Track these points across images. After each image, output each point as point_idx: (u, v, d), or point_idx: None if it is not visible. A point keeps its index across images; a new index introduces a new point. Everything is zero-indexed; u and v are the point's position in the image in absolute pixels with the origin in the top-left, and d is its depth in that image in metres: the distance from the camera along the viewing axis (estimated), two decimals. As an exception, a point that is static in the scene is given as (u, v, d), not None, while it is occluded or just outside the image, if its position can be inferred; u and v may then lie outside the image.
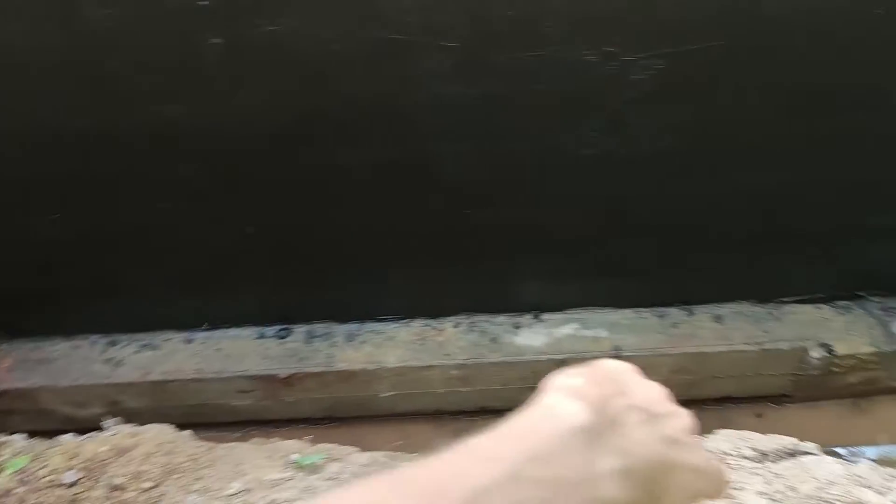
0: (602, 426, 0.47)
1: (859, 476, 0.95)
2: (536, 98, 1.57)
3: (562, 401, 0.48)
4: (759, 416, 2.22)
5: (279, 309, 2.01)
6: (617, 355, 2.06)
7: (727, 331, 2.08)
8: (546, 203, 1.79)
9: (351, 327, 2.15)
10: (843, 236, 1.93)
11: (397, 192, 1.70)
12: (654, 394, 0.54)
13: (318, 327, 2.14)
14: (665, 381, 1.86)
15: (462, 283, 2.03)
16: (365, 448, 1.52)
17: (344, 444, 1.51)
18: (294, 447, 1.40)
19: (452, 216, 1.76)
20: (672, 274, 2.06)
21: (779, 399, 2.23)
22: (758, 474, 0.95)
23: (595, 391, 0.49)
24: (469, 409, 2.27)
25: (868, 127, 1.67)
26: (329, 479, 1.27)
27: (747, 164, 1.74)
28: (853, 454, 1.50)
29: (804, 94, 1.60)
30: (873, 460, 1.43)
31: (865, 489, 0.94)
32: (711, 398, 2.19)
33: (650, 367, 2.08)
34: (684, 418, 0.54)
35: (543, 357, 2.09)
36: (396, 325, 2.17)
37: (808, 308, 2.08)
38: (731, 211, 1.86)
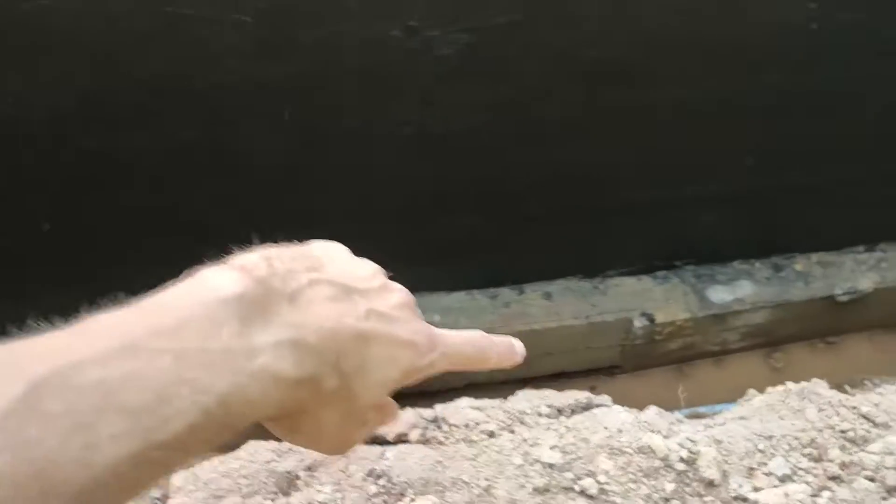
0: (268, 298, 0.42)
1: (647, 422, 0.97)
2: (344, 76, 1.53)
3: (214, 272, 0.42)
4: (592, 388, 2.29)
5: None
6: (451, 338, 2.06)
7: (556, 307, 2.13)
8: (367, 185, 1.76)
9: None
10: (658, 208, 2.02)
11: (203, 180, 1.61)
12: (360, 271, 0.51)
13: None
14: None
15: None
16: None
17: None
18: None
19: (267, 203, 1.69)
20: (502, 254, 2.09)
21: (610, 370, 2.31)
22: (552, 429, 0.95)
23: (268, 265, 0.44)
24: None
25: (676, 99, 1.75)
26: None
27: (562, 139, 1.78)
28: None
29: (608, 69, 1.65)
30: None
31: (653, 434, 0.97)
32: (547, 375, 2.23)
33: (485, 347, 2.11)
34: (396, 294, 0.51)
35: (379, 345, 2.05)
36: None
37: (630, 280, 2.16)
38: (552, 187, 1.90)
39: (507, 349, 0.61)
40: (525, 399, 1.02)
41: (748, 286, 2.17)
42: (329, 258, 0.50)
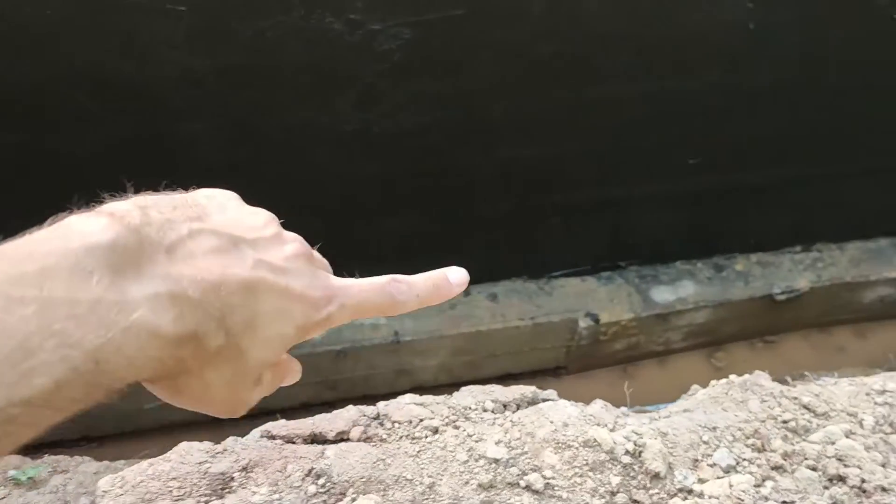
0: (141, 248, 0.38)
1: (593, 416, 0.96)
2: (284, 70, 1.49)
3: (81, 219, 0.38)
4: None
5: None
6: (396, 340, 2.03)
7: (502, 308, 2.11)
8: (309, 183, 1.72)
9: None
10: (602, 208, 2.02)
11: (135, 177, 1.55)
12: (250, 220, 0.46)
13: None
14: (447, 364, 1.83)
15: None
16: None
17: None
18: (14, 461, 1.22)
19: (205, 201, 1.63)
20: (446, 254, 2.05)
21: (556, 371, 2.31)
22: (498, 424, 0.93)
23: (143, 213, 0.40)
24: (249, 411, 2.15)
25: (620, 98, 1.75)
26: (52, 492, 1.11)
27: (508, 138, 1.77)
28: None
29: (553, 66, 1.64)
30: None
31: (599, 427, 0.96)
32: (493, 377, 2.22)
33: (431, 350, 2.08)
34: (291, 244, 0.47)
35: (322, 349, 2.01)
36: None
37: (575, 280, 2.16)
38: (497, 187, 1.89)
39: (435, 287, 0.55)
40: (470, 394, 1.00)
41: (690, 286, 2.19)
42: (217, 206, 0.46)
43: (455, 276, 0.56)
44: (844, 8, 1.63)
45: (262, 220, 0.47)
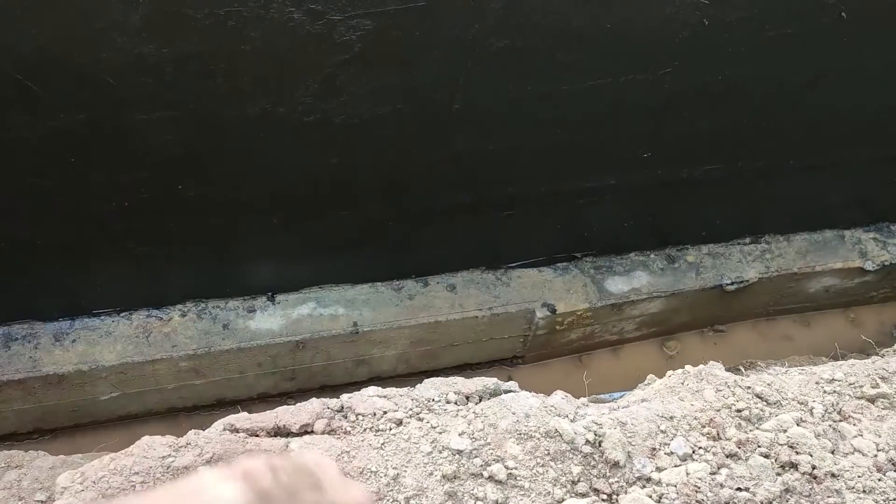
0: None
1: (554, 407, 0.98)
2: (243, 59, 1.47)
3: (219, 482, 0.41)
4: (508, 378, 2.30)
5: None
6: (355, 331, 2.02)
7: (460, 299, 2.13)
8: (268, 174, 1.70)
9: (60, 325, 1.91)
10: (558, 200, 2.05)
11: (91, 167, 1.52)
12: (351, 497, 0.50)
13: (18, 328, 1.88)
14: (406, 354, 1.83)
15: (186, 267, 1.88)
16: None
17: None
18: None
19: (161, 191, 1.61)
20: (406, 245, 2.06)
21: (512, 361, 2.34)
22: (461, 416, 0.94)
23: (274, 475, 0.43)
24: (205, 403, 2.13)
25: (575, 91, 1.76)
26: (5, 488, 1.09)
27: (465, 131, 1.77)
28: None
29: (510, 58, 1.65)
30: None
31: (560, 418, 0.97)
32: (451, 367, 2.24)
33: (389, 340, 2.09)
34: None
35: (280, 339, 2.00)
36: (115, 318, 1.96)
37: (532, 271, 2.19)
38: (455, 179, 1.89)
39: None
40: (433, 386, 1.01)
41: (644, 277, 2.23)
42: (324, 473, 0.49)
43: None
44: (796, 5, 1.66)
45: (359, 499, 0.50)
